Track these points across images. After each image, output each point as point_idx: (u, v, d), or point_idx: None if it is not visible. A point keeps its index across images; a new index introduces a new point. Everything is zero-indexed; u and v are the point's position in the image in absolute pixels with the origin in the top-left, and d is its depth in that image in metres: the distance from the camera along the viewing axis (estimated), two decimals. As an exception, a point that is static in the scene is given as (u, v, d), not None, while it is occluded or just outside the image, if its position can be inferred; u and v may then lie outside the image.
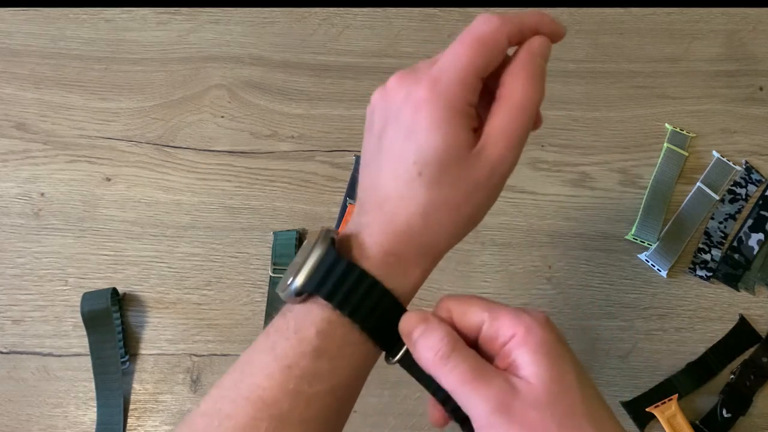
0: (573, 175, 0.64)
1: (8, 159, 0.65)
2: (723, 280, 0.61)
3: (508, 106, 0.32)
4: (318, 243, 0.32)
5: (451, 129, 0.31)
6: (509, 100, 0.32)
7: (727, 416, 0.56)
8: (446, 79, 0.32)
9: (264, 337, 0.33)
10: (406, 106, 0.32)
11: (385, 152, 0.33)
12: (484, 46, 0.32)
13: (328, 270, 0.31)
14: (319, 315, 0.32)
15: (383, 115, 0.34)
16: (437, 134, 0.31)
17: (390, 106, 0.34)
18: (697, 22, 0.69)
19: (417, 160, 0.32)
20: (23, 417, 0.58)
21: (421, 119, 0.31)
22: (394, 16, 0.70)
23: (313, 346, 0.31)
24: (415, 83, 0.32)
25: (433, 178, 0.32)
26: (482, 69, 0.32)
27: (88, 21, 0.70)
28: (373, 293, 0.32)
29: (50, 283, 0.61)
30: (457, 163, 0.32)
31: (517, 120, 0.32)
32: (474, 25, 0.33)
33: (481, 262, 0.61)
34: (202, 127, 0.66)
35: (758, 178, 0.64)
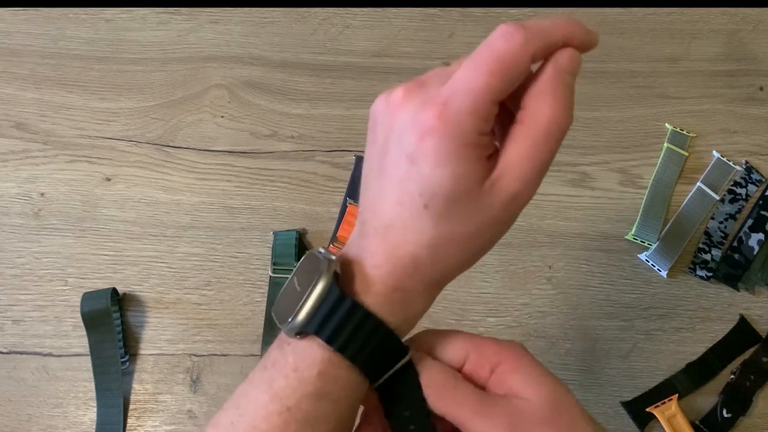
0: (573, 175, 0.64)
1: (8, 159, 0.65)
2: (723, 280, 0.61)
3: (530, 133, 0.28)
4: (321, 276, 0.29)
5: (461, 164, 0.28)
6: (532, 125, 0.28)
7: (727, 416, 0.56)
8: (457, 106, 0.27)
9: (260, 371, 0.31)
10: (411, 131, 0.28)
11: (387, 174, 0.30)
12: (503, 68, 0.27)
13: (331, 310, 0.29)
14: (320, 355, 0.30)
15: (385, 130, 0.31)
16: (445, 170, 0.28)
17: (394, 123, 0.30)
18: (697, 22, 0.69)
19: (423, 192, 0.28)
20: (23, 417, 0.58)
21: (427, 150, 0.28)
22: (394, 16, 0.70)
23: (315, 387, 0.30)
24: (423, 106, 0.28)
25: (441, 213, 0.29)
26: (499, 93, 0.28)
27: (88, 21, 0.70)
28: (376, 334, 0.30)
29: (50, 283, 0.61)
30: (467, 198, 0.29)
31: (539, 149, 0.28)
32: (492, 41, 0.28)
33: (481, 262, 0.60)
34: (202, 127, 0.66)
35: (758, 178, 0.64)
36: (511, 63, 0.28)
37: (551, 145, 0.29)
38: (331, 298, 0.29)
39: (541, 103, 0.28)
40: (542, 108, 0.28)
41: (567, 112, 0.28)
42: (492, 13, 0.70)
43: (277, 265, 0.60)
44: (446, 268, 0.31)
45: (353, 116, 0.66)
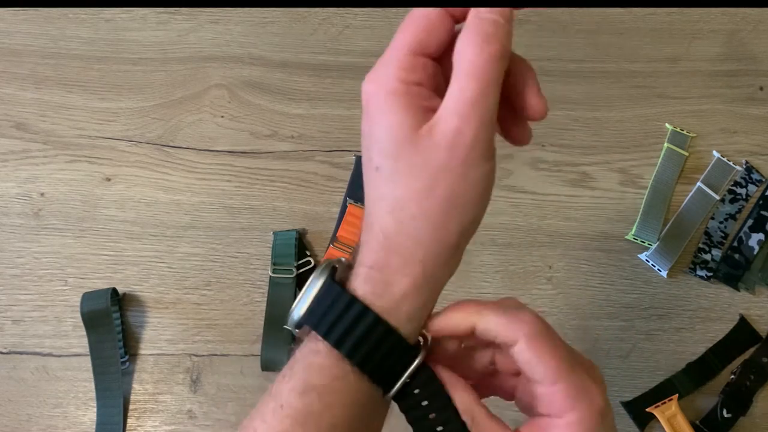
0: (573, 175, 0.64)
1: (8, 159, 0.65)
2: (723, 280, 0.61)
3: (456, 73, 0.29)
4: (316, 272, 0.30)
5: (393, 114, 0.29)
6: (457, 66, 0.29)
7: (728, 416, 0.56)
8: (383, 64, 0.30)
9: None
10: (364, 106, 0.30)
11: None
12: (416, 22, 0.30)
13: (319, 298, 0.29)
14: (309, 347, 0.29)
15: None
16: (381, 124, 0.29)
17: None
18: (697, 22, 0.69)
19: (372, 156, 0.29)
20: (23, 417, 0.58)
21: (370, 113, 0.29)
22: (394, 16, 0.70)
23: (301, 380, 0.29)
24: (365, 80, 0.30)
25: (389, 170, 0.29)
26: (416, 45, 0.30)
27: (88, 21, 0.70)
28: (361, 319, 0.29)
29: (50, 283, 0.61)
30: (407, 148, 0.28)
31: (468, 86, 0.28)
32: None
33: (481, 262, 0.61)
34: (202, 127, 0.66)
35: (758, 178, 0.64)
36: (424, 17, 0.30)
37: (479, 81, 0.28)
38: (315, 286, 0.29)
39: (462, 44, 0.29)
40: (463, 48, 0.29)
41: (488, 48, 0.29)
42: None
43: (277, 265, 0.60)
44: (417, 231, 0.29)
45: (353, 116, 0.66)
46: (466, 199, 0.30)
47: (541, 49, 0.68)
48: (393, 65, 0.30)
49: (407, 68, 0.30)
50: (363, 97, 0.30)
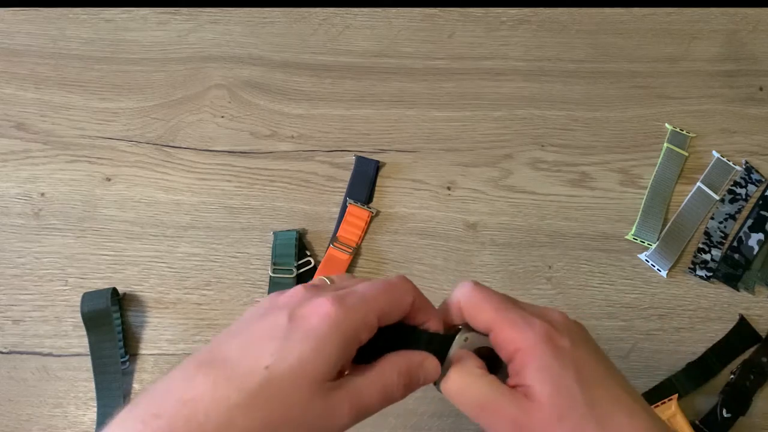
0: (573, 175, 0.64)
1: (8, 159, 0.65)
2: (723, 280, 0.61)
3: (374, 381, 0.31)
4: None
5: (326, 353, 0.29)
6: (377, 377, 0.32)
7: (727, 416, 0.56)
8: (353, 303, 0.31)
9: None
10: (308, 303, 0.31)
11: (256, 324, 0.31)
12: (391, 295, 0.33)
13: None
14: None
15: (276, 300, 0.32)
16: (309, 346, 0.29)
17: (292, 296, 0.32)
18: (697, 22, 0.69)
19: (274, 351, 0.29)
20: (23, 417, 0.58)
21: (312, 322, 0.30)
22: (394, 16, 0.70)
23: None
24: (324, 296, 0.31)
25: (270, 381, 0.28)
26: (383, 312, 0.32)
27: (88, 21, 0.70)
28: None
29: (50, 283, 0.61)
30: (306, 386, 0.29)
31: (374, 397, 0.31)
32: (392, 280, 0.33)
33: (481, 262, 0.61)
34: (202, 127, 0.66)
35: (758, 178, 0.64)
36: (398, 294, 0.33)
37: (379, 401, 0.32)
38: None
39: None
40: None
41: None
42: (492, 13, 0.70)
43: (277, 265, 0.60)
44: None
45: (353, 116, 0.66)
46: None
47: (541, 49, 0.68)
48: (361, 320, 0.30)
49: (367, 329, 0.31)
50: (320, 306, 0.30)
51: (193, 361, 0.30)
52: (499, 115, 0.66)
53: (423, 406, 0.57)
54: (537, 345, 0.32)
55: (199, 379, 0.28)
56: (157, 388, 0.29)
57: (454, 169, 0.64)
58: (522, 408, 0.31)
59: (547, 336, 0.33)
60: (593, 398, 0.32)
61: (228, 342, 0.30)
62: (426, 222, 0.63)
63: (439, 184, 0.64)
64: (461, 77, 0.67)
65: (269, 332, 0.29)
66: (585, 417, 0.31)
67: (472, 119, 0.66)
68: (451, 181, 0.64)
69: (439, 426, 0.56)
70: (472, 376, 0.33)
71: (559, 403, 0.31)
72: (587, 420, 0.31)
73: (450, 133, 0.66)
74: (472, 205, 0.63)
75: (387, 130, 0.66)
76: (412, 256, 0.61)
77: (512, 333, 0.33)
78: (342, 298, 0.30)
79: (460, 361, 0.34)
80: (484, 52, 0.68)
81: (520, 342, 0.32)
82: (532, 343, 0.32)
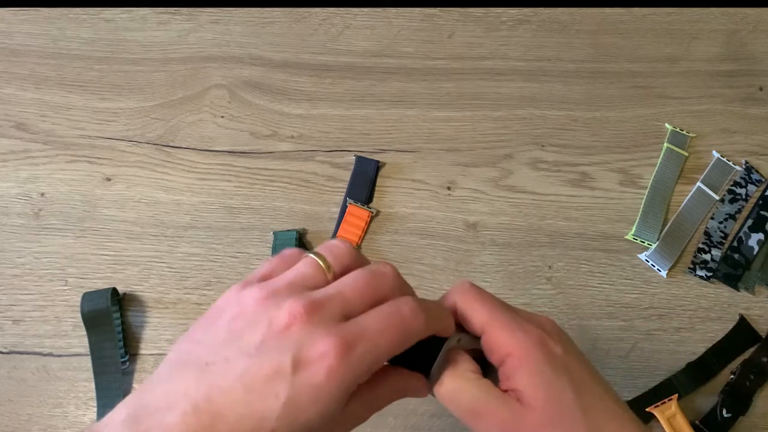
0: (573, 175, 0.64)
1: (8, 159, 0.65)
2: (723, 280, 0.61)
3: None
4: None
5: (328, 408, 0.28)
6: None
7: (727, 416, 0.56)
8: (360, 355, 0.28)
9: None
10: (312, 350, 0.27)
11: (245, 360, 0.28)
12: (404, 338, 0.30)
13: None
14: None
15: (269, 327, 0.28)
16: (315, 408, 0.27)
17: (289, 329, 0.28)
18: (697, 22, 0.69)
19: (280, 414, 0.27)
20: (23, 417, 0.58)
21: (319, 380, 0.27)
22: (394, 16, 0.70)
23: None
24: (328, 331, 0.28)
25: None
26: (388, 356, 0.30)
27: (88, 21, 0.70)
28: None
29: (50, 283, 0.61)
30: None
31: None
32: (402, 310, 0.30)
33: (481, 262, 0.61)
34: (202, 127, 0.66)
35: (758, 178, 0.64)
36: (409, 334, 0.30)
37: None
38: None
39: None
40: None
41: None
42: (492, 13, 0.70)
43: (277, 265, 0.60)
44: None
45: (353, 116, 0.66)
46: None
47: (541, 49, 0.68)
48: (365, 371, 0.28)
49: (374, 370, 0.29)
50: (325, 355, 0.27)
51: (187, 403, 0.27)
52: (499, 115, 0.66)
53: (423, 406, 0.57)
54: (530, 350, 0.32)
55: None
56: (152, 429, 0.27)
57: (454, 169, 0.64)
58: (514, 412, 0.31)
59: (540, 341, 0.32)
60: (585, 405, 0.32)
61: (221, 377, 0.27)
62: (426, 222, 0.63)
63: (439, 184, 0.64)
64: (461, 77, 0.67)
65: (271, 380, 0.27)
66: (577, 422, 0.31)
67: (472, 119, 0.66)
68: (451, 181, 0.64)
69: (439, 426, 0.56)
70: (464, 380, 0.33)
71: (552, 408, 0.31)
72: (579, 426, 0.31)
73: (450, 133, 0.66)
74: (472, 205, 0.63)
75: (387, 130, 0.66)
76: (412, 256, 0.61)
77: (505, 336, 0.32)
78: (350, 346, 0.27)
79: (454, 364, 0.33)
80: (483, 52, 0.68)
81: (512, 346, 0.32)
82: (524, 348, 0.32)
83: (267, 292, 0.30)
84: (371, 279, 0.31)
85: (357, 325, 0.29)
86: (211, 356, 0.28)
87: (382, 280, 0.31)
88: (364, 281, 0.30)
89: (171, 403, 0.27)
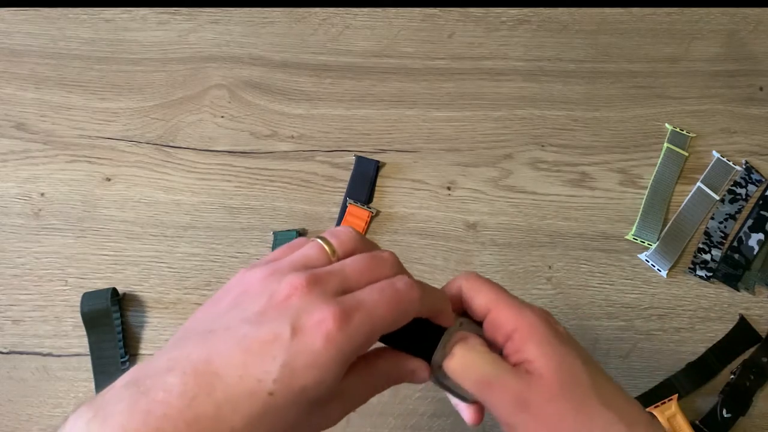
0: (573, 175, 0.64)
1: (8, 159, 0.65)
2: (723, 280, 0.61)
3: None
4: None
5: (328, 374, 0.28)
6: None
7: (727, 416, 0.56)
8: (357, 325, 0.29)
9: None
10: (310, 318, 0.28)
11: (245, 328, 0.28)
12: (400, 309, 0.30)
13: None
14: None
15: (272, 297, 0.29)
16: (313, 372, 0.27)
17: (289, 299, 0.29)
18: (697, 22, 0.69)
19: (277, 377, 0.27)
20: (23, 417, 0.58)
21: (317, 346, 0.27)
22: (394, 16, 0.70)
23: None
24: (327, 303, 0.29)
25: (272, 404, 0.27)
26: (387, 329, 0.30)
27: (88, 21, 0.70)
28: None
29: (50, 283, 0.61)
30: (310, 408, 0.28)
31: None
32: (398, 285, 0.31)
33: (481, 262, 0.61)
34: (202, 127, 0.66)
35: (758, 178, 0.64)
36: (404, 307, 0.30)
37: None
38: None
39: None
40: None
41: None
42: (492, 13, 0.70)
43: (277, 265, 0.60)
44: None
45: (353, 116, 0.66)
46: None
47: (541, 49, 0.68)
48: (365, 341, 0.29)
49: (371, 343, 0.30)
50: (324, 323, 0.28)
51: (187, 365, 0.27)
52: (499, 115, 0.66)
53: (423, 406, 0.57)
54: (537, 324, 0.33)
55: (200, 398, 0.27)
56: (152, 394, 0.27)
57: (454, 169, 0.64)
58: (526, 383, 0.31)
59: (545, 319, 0.33)
60: (593, 376, 0.32)
61: (222, 341, 0.28)
62: (426, 222, 0.63)
63: (439, 184, 0.64)
64: (461, 77, 0.67)
65: (269, 344, 0.27)
66: (589, 392, 0.31)
67: (472, 119, 0.66)
68: (451, 181, 0.64)
69: (439, 426, 0.56)
70: (476, 353, 0.33)
71: (563, 376, 0.31)
72: (591, 396, 0.31)
73: (450, 133, 0.66)
74: (472, 205, 0.63)
75: (387, 130, 0.66)
76: (412, 256, 0.61)
77: (512, 314, 0.33)
78: (348, 315, 0.28)
79: (464, 339, 0.34)
80: (483, 52, 0.68)
81: (519, 321, 0.33)
82: (531, 323, 0.33)
83: (271, 270, 0.31)
84: (371, 261, 0.32)
85: (354, 297, 0.29)
86: (214, 325, 0.29)
87: (382, 263, 0.32)
88: (364, 263, 0.31)
89: (171, 366, 0.27)
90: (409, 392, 0.57)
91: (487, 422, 0.56)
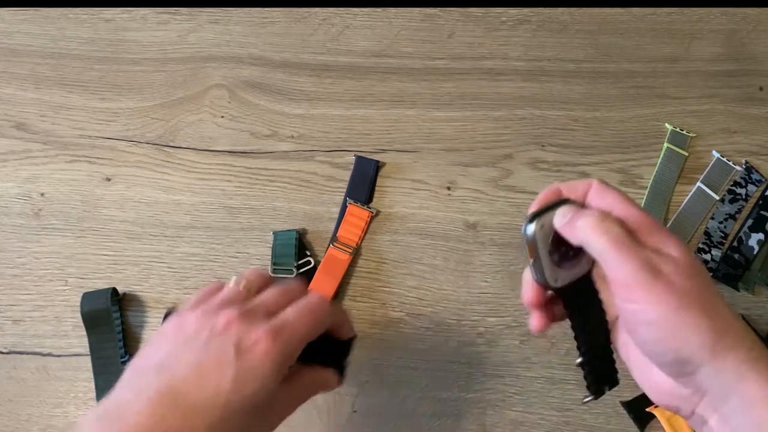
0: (573, 175, 0.64)
1: (8, 159, 0.65)
2: (723, 280, 0.61)
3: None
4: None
5: (268, 382, 0.35)
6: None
7: (727, 416, 0.56)
8: (287, 338, 0.36)
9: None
10: (248, 337, 0.35)
11: (200, 346, 0.35)
12: (318, 323, 0.39)
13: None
14: None
15: (208, 329, 0.36)
16: (256, 383, 0.35)
17: (228, 328, 0.36)
18: (697, 22, 0.69)
19: (230, 389, 0.34)
20: (23, 417, 0.58)
21: (256, 358, 0.35)
22: (394, 16, 0.70)
23: None
24: (256, 326, 0.36)
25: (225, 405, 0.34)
26: (309, 339, 0.38)
27: (88, 21, 0.70)
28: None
29: (50, 283, 0.61)
30: (254, 412, 0.35)
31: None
32: (314, 305, 0.39)
33: (481, 262, 0.61)
34: (202, 127, 0.66)
35: (758, 178, 0.64)
36: (320, 319, 0.39)
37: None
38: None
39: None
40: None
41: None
42: (492, 13, 0.70)
43: (277, 265, 0.60)
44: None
45: (353, 116, 0.66)
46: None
47: (541, 49, 0.68)
48: (295, 351, 0.37)
49: (298, 352, 0.38)
50: (259, 341, 0.35)
51: (152, 391, 0.33)
52: (499, 115, 0.66)
53: (423, 407, 0.57)
54: (655, 223, 0.35)
55: (168, 415, 0.33)
56: (126, 419, 0.33)
57: (454, 169, 0.64)
58: (661, 255, 0.33)
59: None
60: (719, 298, 0.33)
61: (178, 369, 0.34)
62: (426, 222, 0.63)
63: (439, 184, 0.64)
64: (461, 77, 0.67)
65: (219, 364, 0.34)
66: (712, 287, 0.33)
67: (472, 119, 0.66)
68: (451, 181, 0.64)
69: (439, 426, 0.56)
70: (613, 219, 0.35)
71: (696, 266, 0.33)
72: (716, 294, 0.33)
73: (450, 133, 0.66)
74: (472, 205, 0.63)
75: (387, 130, 0.66)
76: (411, 256, 0.61)
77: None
78: (277, 332, 0.36)
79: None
80: (483, 52, 0.68)
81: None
82: (650, 222, 0.35)
83: (202, 311, 0.37)
84: (284, 289, 0.40)
85: (279, 318, 0.37)
86: (167, 360, 0.35)
87: (292, 290, 0.40)
88: (279, 291, 0.39)
89: (138, 397, 0.33)
90: (409, 392, 0.57)
91: (487, 422, 0.56)
